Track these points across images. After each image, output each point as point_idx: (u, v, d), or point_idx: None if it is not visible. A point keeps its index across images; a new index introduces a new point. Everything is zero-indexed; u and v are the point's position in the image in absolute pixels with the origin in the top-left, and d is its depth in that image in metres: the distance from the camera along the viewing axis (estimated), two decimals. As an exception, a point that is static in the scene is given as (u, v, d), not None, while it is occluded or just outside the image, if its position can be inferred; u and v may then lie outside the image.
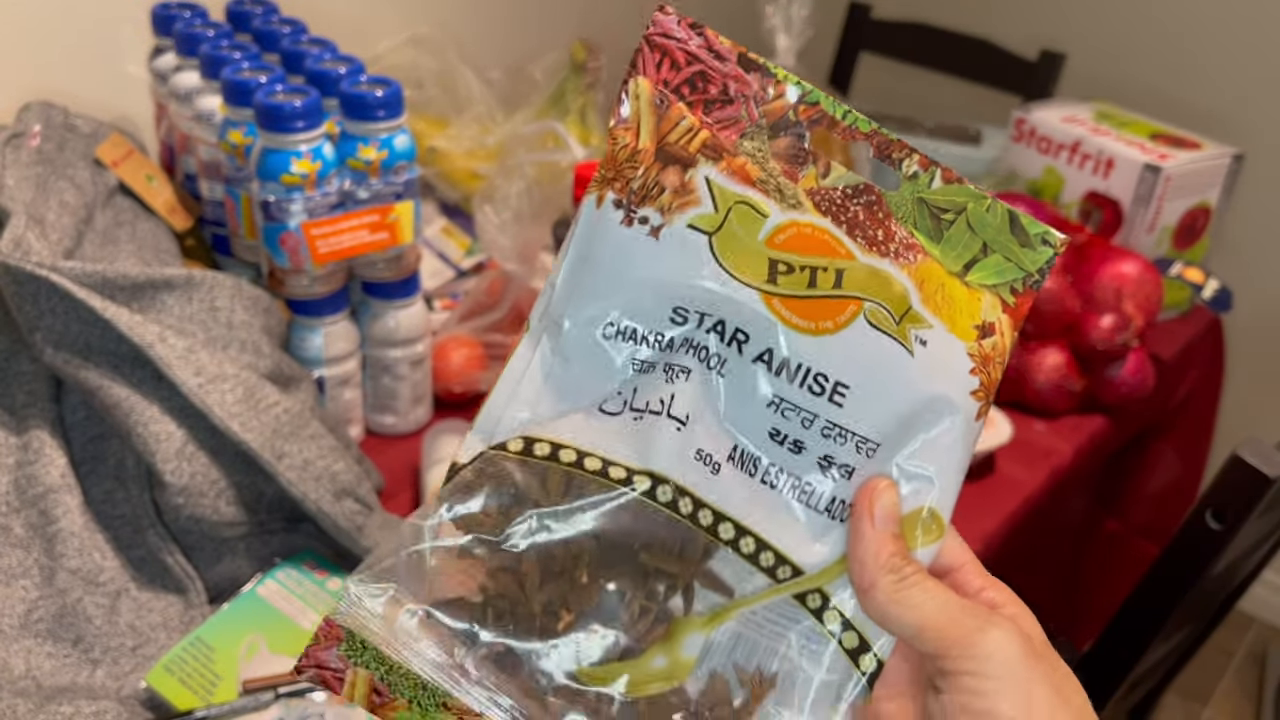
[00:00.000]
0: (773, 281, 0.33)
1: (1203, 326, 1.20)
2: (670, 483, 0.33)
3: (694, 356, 0.34)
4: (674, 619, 0.33)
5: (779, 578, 0.33)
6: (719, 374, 0.34)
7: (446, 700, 0.32)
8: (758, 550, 0.33)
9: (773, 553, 0.33)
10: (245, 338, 0.70)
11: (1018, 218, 0.34)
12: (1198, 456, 1.27)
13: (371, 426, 0.85)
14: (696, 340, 0.34)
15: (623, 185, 0.34)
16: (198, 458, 0.64)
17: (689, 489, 0.33)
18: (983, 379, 0.34)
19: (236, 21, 0.91)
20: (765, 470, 0.34)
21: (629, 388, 0.34)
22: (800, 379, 0.33)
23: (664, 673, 0.33)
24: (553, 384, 0.35)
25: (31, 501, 0.65)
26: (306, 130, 0.71)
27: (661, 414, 0.33)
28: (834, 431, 0.34)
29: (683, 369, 0.34)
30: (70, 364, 0.64)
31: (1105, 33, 1.72)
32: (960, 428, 0.34)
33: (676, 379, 0.34)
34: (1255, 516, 0.80)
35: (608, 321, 0.34)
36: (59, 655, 0.62)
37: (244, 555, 0.68)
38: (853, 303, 0.33)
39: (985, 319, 0.34)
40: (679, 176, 0.34)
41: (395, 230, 0.77)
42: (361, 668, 0.32)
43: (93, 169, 0.79)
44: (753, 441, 0.34)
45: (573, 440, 0.34)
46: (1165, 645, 0.97)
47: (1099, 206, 1.20)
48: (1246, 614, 1.87)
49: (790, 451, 0.34)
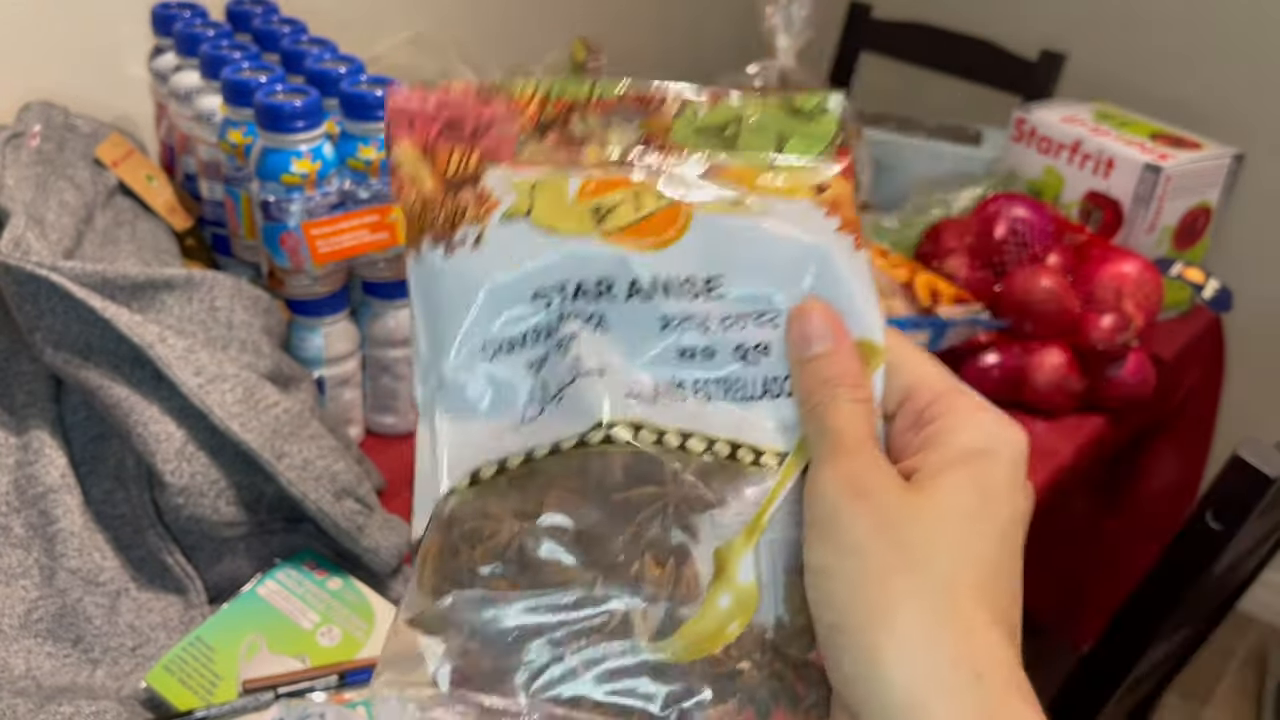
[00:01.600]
0: (603, 222, 0.34)
1: (1203, 326, 1.20)
2: (621, 423, 0.33)
3: (575, 323, 0.34)
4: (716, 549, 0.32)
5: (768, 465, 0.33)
6: (604, 329, 0.34)
7: None
8: (734, 450, 0.33)
9: (749, 449, 0.33)
10: (245, 338, 0.70)
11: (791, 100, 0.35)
12: (1198, 456, 1.27)
13: (371, 426, 0.85)
14: (568, 311, 0.34)
15: (430, 229, 0.34)
16: (198, 458, 0.64)
17: (642, 422, 0.33)
18: (842, 216, 0.35)
19: (236, 21, 0.91)
20: (694, 388, 0.34)
21: (537, 388, 0.34)
22: (674, 290, 0.34)
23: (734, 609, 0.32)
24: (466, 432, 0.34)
25: (31, 501, 0.65)
26: (306, 130, 0.71)
27: (576, 378, 0.33)
28: (730, 321, 0.34)
29: (571, 336, 0.34)
30: (70, 364, 0.64)
31: (1105, 33, 1.71)
32: (845, 260, 0.34)
33: (571, 345, 0.34)
34: (1255, 517, 0.80)
35: (483, 344, 0.34)
36: (59, 655, 0.62)
37: (244, 555, 0.68)
38: (683, 205, 0.34)
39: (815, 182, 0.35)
40: (472, 191, 0.34)
41: (395, 230, 0.76)
42: None
43: (93, 169, 0.79)
44: (668, 370, 0.34)
45: (513, 449, 0.33)
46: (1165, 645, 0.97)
47: (1099, 206, 1.20)
48: (1247, 614, 1.86)
49: (705, 359, 0.34)
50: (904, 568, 0.29)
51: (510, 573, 0.32)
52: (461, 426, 0.34)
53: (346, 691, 0.61)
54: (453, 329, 0.34)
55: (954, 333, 0.99)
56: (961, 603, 0.28)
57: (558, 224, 0.34)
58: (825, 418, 0.32)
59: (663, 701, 0.31)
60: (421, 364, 0.35)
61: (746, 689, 0.32)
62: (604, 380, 0.33)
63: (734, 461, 0.33)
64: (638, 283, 0.34)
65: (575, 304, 0.34)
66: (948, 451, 0.31)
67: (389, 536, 0.68)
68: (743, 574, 0.32)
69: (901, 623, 0.28)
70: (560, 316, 0.34)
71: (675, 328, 0.34)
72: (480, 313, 0.34)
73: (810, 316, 0.33)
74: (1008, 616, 0.29)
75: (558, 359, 0.34)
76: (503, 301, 0.34)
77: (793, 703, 0.32)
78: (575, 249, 0.34)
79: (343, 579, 0.67)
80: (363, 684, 0.61)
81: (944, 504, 0.30)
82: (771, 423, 0.34)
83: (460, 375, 0.34)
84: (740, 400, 0.34)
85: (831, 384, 0.32)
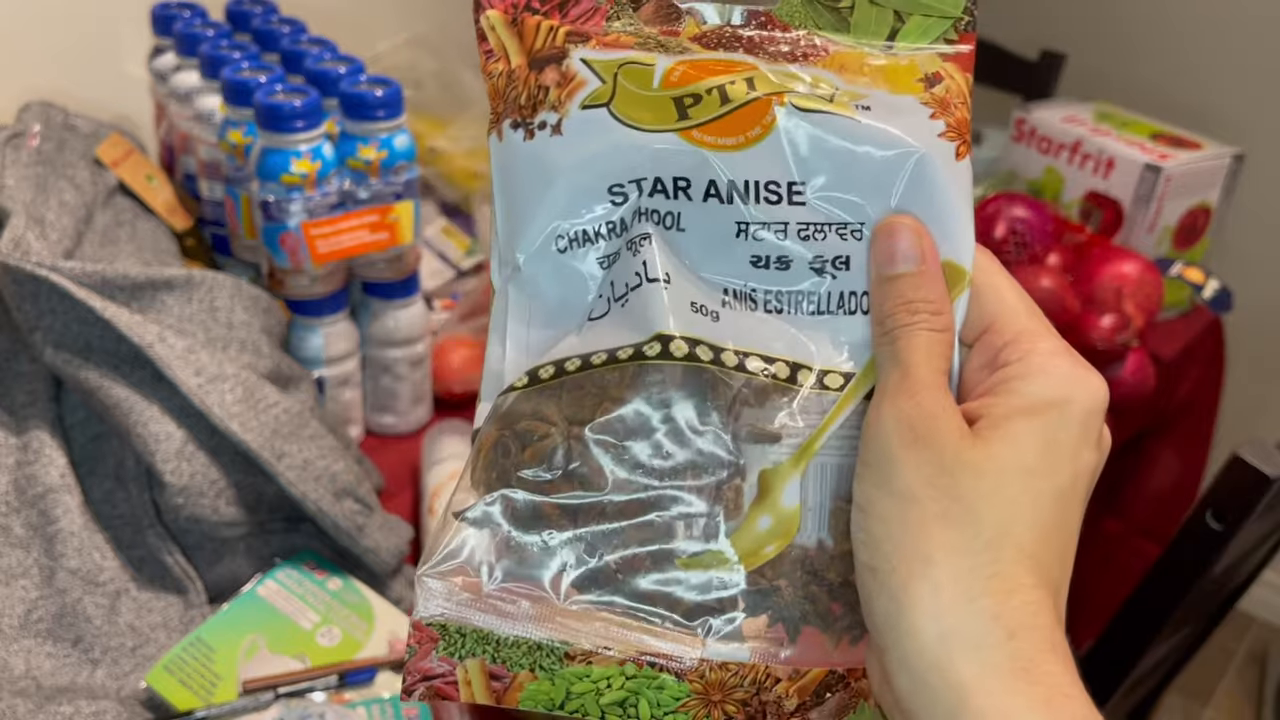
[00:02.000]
0: (685, 117, 0.32)
1: (1203, 326, 1.20)
2: (679, 337, 0.32)
3: (649, 223, 0.33)
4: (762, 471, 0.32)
5: (829, 387, 0.32)
6: (679, 229, 0.33)
7: (568, 651, 0.31)
8: (794, 372, 0.32)
9: (810, 370, 0.32)
10: (245, 338, 0.70)
11: None
12: (1198, 456, 1.27)
13: (371, 426, 0.85)
14: (645, 208, 0.33)
15: (512, 109, 0.33)
16: (197, 458, 0.64)
17: (700, 338, 0.32)
18: (947, 120, 0.32)
19: (236, 21, 0.91)
20: (764, 300, 0.33)
21: (605, 285, 0.33)
22: (754, 195, 0.32)
23: (774, 531, 0.32)
24: (537, 323, 0.34)
25: (31, 501, 0.65)
26: (306, 130, 0.71)
27: (641, 283, 0.32)
28: (811, 230, 0.32)
29: (643, 236, 0.33)
30: (70, 364, 0.64)
31: (1105, 33, 1.71)
32: (942, 170, 0.32)
33: (642, 247, 0.33)
34: (1256, 517, 0.80)
35: (556, 235, 0.33)
36: (59, 655, 0.62)
37: (244, 555, 0.68)
38: (774, 98, 0.32)
39: (927, 72, 0.32)
40: (556, 71, 0.33)
41: (395, 230, 0.76)
42: (470, 658, 0.31)
43: (92, 169, 0.79)
44: (739, 278, 0.33)
45: (573, 352, 0.33)
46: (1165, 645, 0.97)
47: (1099, 206, 1.20)
48: (1247, 614, 1.87)
49: (779, 270, 0.32)
50: (950, 521, 0.28)
51: (556, 477, 0.32)
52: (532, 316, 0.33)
53: (346, 691, 0.60)
54: (527, 217, 0.33)
55: (954, 333, 0.98)
56: (1005, 563, 0.28)
57: (639, 115, 0.32)
58: (899, 346, 0.30)
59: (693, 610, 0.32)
60: (498, 247, 0.34)
61: (779, 607, 0.32)
62: (670, 289, 0.32)
63: (792, 384, 0.32)
64: (716, 185, 0.32)
65: (650, 200, 0.33)
66: (1017, 400, 0.29)
67: (389, 536, 0.68)
68: (787, 498, 0.32)
69: (938, 575, 0.28)
70: (635, 213, 0.33)
71: (751, 234, 0.32)
72: (555, 203, 0.33)
73: (899, 232, 0.31)
74: (1052, 577, 0.29)
75: (627, 259, 0.33)
76: (578, 194, 0.33)
77: (826, 623, 0.32)
78: (654, 144, 0.32)
79: (342, 579, 0.67)
80: (363, 684, 0.61)
81: (1002, 458, 0.28)
82: (840, 341, 0.32)
83: (533, 265, 0.33)
84: (810, 314, 0.32)
85: (911, 308, 0.31)
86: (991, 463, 0.28)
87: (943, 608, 0.27)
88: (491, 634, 0.31)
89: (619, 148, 0.32)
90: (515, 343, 0.34)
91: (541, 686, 0.31)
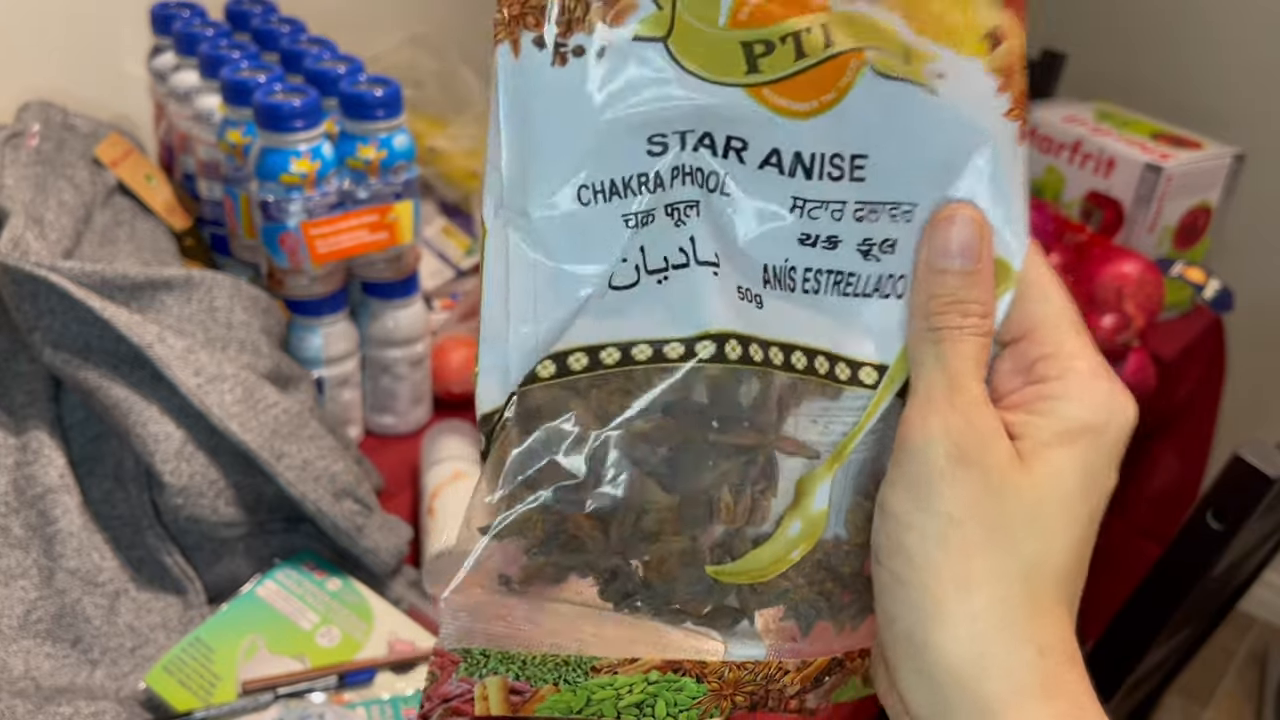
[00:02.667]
0: (755, 70, 0.28)
1: (1204, 326, 1.20)
2: (733, 336, 0.29)
3: (693, 184, 0.29)
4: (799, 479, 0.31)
5: (864, 383, 0.30)
6: (723, 193, 0.29)
7: (595, 665, 0.30)
8: (833, 366, 0.30)
9: (846, 363, 0.30)
10: (244, 338, 0.70)
11: None
12: (1199, 456, 1.27)
13: (371, 426, 0.85)
14: (688, 165, 0.29)
15: (536, 19, 0.27)
16: (196, 458, 0.64)
17: (750, 334, 0.29)
18: (1013, 94, 0.29)
19: (235, 21, 0.91)
20: (802, 280, 0.30)
21: (634, 250, 0.29)
22: (818, 170, 0.29)
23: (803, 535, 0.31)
24: (545, 282, 0.29)
25: (30, 502, 0.65)
26: (306, 130, 0.71)
27: (689, 264, 0.29)
28: (864, 209, 0.30)
29: (689, 204, 0.29)
30: (69, 364, 0.64)
31: (1106, 33, 1.71)
32: (1005, 156, 0.29)
33: (687, 218, 0.29)
34: (1256, 517, 0.80)
35: (580, 185, 0.28)
36: (58, 656, 0.62)
37: (243, 555, 0.68)
38: (852, 57, 0.28)
39: (988, 25, 0.29)
40: None
41: (395, 230, 0.76)
42: (491, 676, 0.30)
43: (91, 169, 0.79)
44: (783, 255, 0.30)
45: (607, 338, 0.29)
46: (1166, 646, 0.97)
47: (1100, 206, 1.20)
48: (1247, 614, 1.86)
49: (826, 248, 0.30)
50: (993, 547, 0.28)
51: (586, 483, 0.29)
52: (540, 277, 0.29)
53: (346, 692, 0.60)
54: (546, 158, 0.28)
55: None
56: (1040, 589, 0.28)
57: (701, 59, 0.27)
58: (945, 349, 0.29)
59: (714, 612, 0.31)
60: (498, 184, 0.29)
61: (794, 603, 0.31)
62: (718, 276, 0.29)
63: (831, 380, 0.30)
64: (780, 154, 0.29)
65: (694, 156, 0.29)
66: (1058, 423, 0.29)
67: (388, 537, 0.68)
68: (818, 501, 0.31)
69: (976, 602, 0.27)
70: (674, 170, 0.29)
71: (808, 212, 0.29)
72: (584, 147, 0.28)
73: (961, 223, 0.29)
74: (1074, 595, 0.29)
75: (667, 228, 0.29)
76: (614, 138, 0.28)
77: (835, 613, 0.32)
78: (715, 98, 0.28)
79: (342, 579, 0.67)
80: (362, 685, 0.61)
81: (1045, 486, 0.28)
82: (870, 326, 0.31)
83: (546, 216, 0.29)
84: (846, 295, 0.30)
85: (964, 310, 0.29)
86: (1035, 491, 0.28)
87: (977, 633, 0.27)
88: (517, 654, 0.30)
89: (674, 94, 0.28)
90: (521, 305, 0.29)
91: (563, 697, 0.30)
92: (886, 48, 0.28)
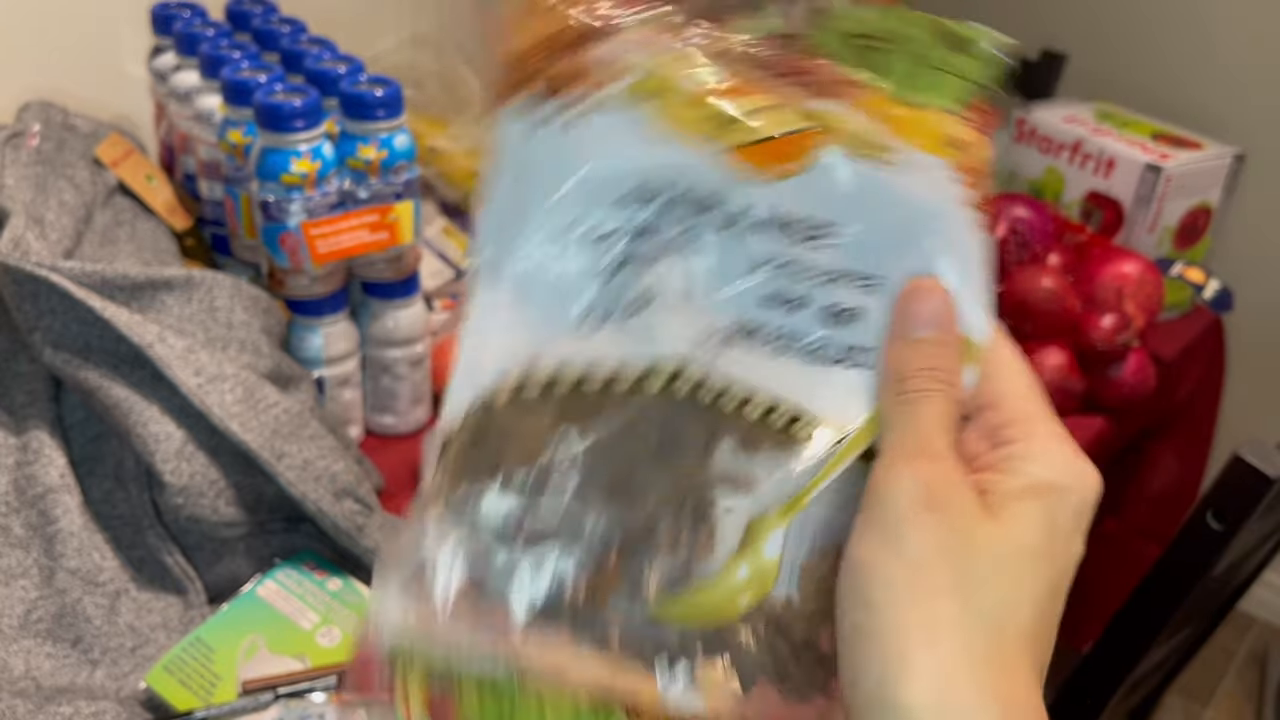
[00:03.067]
0: (728, 134, 0.30)
1: (1204, 327, 1.20)
2: (685, 371, 0.30)
3: (663, 239, 0.31)
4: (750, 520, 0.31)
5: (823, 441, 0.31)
6: (697, 250, 0.31)
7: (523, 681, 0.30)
8: (792, 421, 0.31)
9: (808, 421, 0.31)
10: (245, 338, 0.70)
11: (944, 25, 0.31)
12: (1198, 457, 1.27)
13: (371, 427, 0.85)
14: (665, 220, 0.31)
15: (535, 84, 0.30)
16: (197, 458, 0.64)
17: (706, 373, 0.31)
18: (977, 191, 0.31)
19: (236, 21, 0.91)
20: (771, 337, 0.31)
21: (608, 293, 0.31)
22: (781, 230, 0.31)
23: (751, 582, 0.31)
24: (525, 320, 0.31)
25: (31, 502, 0.65)
26: (306, 130, 0.71)
27: (653, 301, 0.31)
28: (831, 275, 0.31)
29: (660, 251, 0.31)
30: (69, 364, 0.64)
31: (1106, 33, 1.71)
32: (969, 240, 0.31)
33: (654, 265, 0.31)
34: (1256, 517, 0.80)
35: (563, 230, 0.31)
36: (58, 656, 0.62)
37: (244, 555, 0.68)
38: (815, 134, 0.30)
39: (952, 135, 0.31)
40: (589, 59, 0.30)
41: (395, 230, 0.76)
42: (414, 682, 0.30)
43: (92, 169, 0.79)
44: (750, 311, 0.31)
45: (568, 364, 0.31)
46: (1166, 646, 0.97)
47: (1100, 206, 1.20)
48: (1247, 614, 1.86)
49: (791, 310, 0.31)
50: (959, 594, 0.28)
51: (532, 497, 0.30)
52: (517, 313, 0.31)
53: (346, 692, 0.60)
54: (533, 206, 0.31)
55: (954, 333, 0.98)
56: (1007, 643, 0.28)
57: (674, 125, 0.30)
58: (917, 409, 0.30)
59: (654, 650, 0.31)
60: (488, 231, 0.31)
61: (739, 656, 0.31)
62: (679, 316, 0.31)
63: (788, 434, 0.31)
64: (746, 213, 0.31)
65: (669, 216, 0.31)
66: (1022, 479, 0.30)
67: (401, 538, 0.68)
68: (770, 548, 0.31)
69: (943, 649, 0.27)
70: (650, 225, 0.31)
71: (769, 269, 0.31)
72: (567, 198, 0.31)
73: (929, 295, 0.31)
74: (1042, 660, 0.29)
75: (636, 273, 0.31)
76: (594, 193, 0.31)
77: (781, 678, 0.31)
78: (687, 159, 0.30)
79: (342, 579, 0.67)
80: (362, 684, 0.61)
81: (1011, 536, 0.29)
82: (838, 394, 0.31)
83: (527, 259, 0.31)
84: (812, 362, 0.31)
85: (935, 375, 0.30)
86: (1001, 540, 0.29)
87: (944, 682, 0.27)
88: (443, 658, 0.30)
89: (649, 153, 0.30)
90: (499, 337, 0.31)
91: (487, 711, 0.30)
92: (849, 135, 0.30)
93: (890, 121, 0.31)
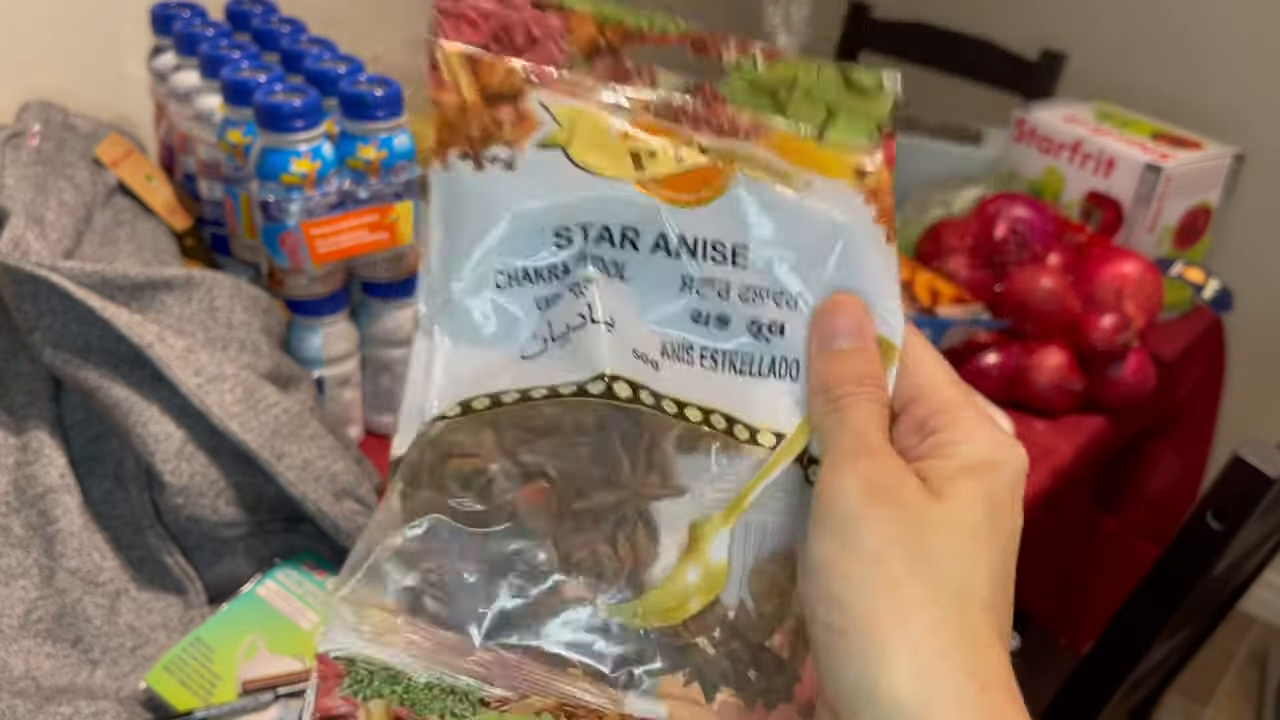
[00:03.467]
0: (640, 169, 0.32)
1: (1204, 327, 1.20)
2: (622, 378, 0.32)
3: (594, 269, 0.33)
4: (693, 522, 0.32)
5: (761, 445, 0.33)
6: (622, 278, 0.33)
7: (483, 697, 0.31)
8: (730, 425, 0.33)
9: (745, 425, 0.33)
10: (244, 338, 0.70)
11: (850, 72, 0.34)
12: (1198, 456, 1.27)
13: (371, 426, 0.85)
14: (590, 254, 0.33)
15: (461, 139, 0.32)
16: (197, 458, 0.64)
17: (642, 384, 0.32)
18: (879, 206, 0.33)
19: (236, 21, 0.91)
20: (700, 355, 0.33)
21: (542, 325, 0.33)
22: (701, 252, 0.33)
23: (701, 585, 0.32)
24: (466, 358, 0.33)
25: (31, 502, 0.65)
26: (306, 130, 0.71)
27: (585, 324, 0.32)
28: (750, 293, 0.33)
29: (588, 281, 0.33)
30: (69, 364, 0.64)
31: (1106, 33, 1.71)
32: (877, 250, 0.33)
33: (586, 292, 0.33)
34: (1256, 517, 0.80)
35: (496, 271, 0.33)
36: (58, 655, 0.62)
37: (244, 555, 0.68)
38: (729, 164, 0.33)
39: (857, 165, 0.33)
40: (513, 109, 0.32)
41: (395, 230, 0.76)
42: (374, 699, 0.31)
43: (92, 169, 0.79)
44: (678, 331, 0.33)
45: (510, 385, 0.33)
46: (1166, 646, 0.97)
47: (1100, 206, 1.20)
48: (1247, 614, 1.87)
49: (717, 328, 0.33)
50: (919, 577, 0.29)
51: (485, 509, 0.32)
52: (460, 351, 0.33)
53: (346, 692, 0.60)
54: (468, 250, 0.33)
55: (954, 333, 0.99)
56: (972, 616, 0.29)
57: (595, 162, 0.32)
58: (848, 414, 0.32)
59: (613, 662, 0.32)
60: (430, 278, 0.33)
61: (698, 665, 0.32)
62: (613, 333, 0.32)
63: (726, 438, 0.32)
64: (666, 238, 0.33)
65: (597, 248, 0.33)
66: (957, 461, 0.31)
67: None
68: (715, 551, 0.32)
69: (915, 631, 0.28)
70: (579, 258, 0.33)
71: (694, 290, 0.33)
72: (499, 239, 0.33)
73: (845, 309, 0.33)
74: (1004, 628, 0.30)
75: (570, 301, 0.33)
76: (524, 232, 0.33)
77: (741, 686, 0.32)
78: (608, 191, 0.32)
79: (342, 579, 0.67)
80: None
81: (958, 515, 0.30)
82: (771, 402, 0.33)
83: (467, 299, 0.33)
84: (744, 375, 0.33)
85: (856, 381, 0.32)
86: (949, 520, 0.30)
87: (922, 664, 0.28)
88: (402, 674, 0.31)
89: (572, 191, 0.32)
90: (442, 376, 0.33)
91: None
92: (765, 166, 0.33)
93: (798, 156, 0.33)
